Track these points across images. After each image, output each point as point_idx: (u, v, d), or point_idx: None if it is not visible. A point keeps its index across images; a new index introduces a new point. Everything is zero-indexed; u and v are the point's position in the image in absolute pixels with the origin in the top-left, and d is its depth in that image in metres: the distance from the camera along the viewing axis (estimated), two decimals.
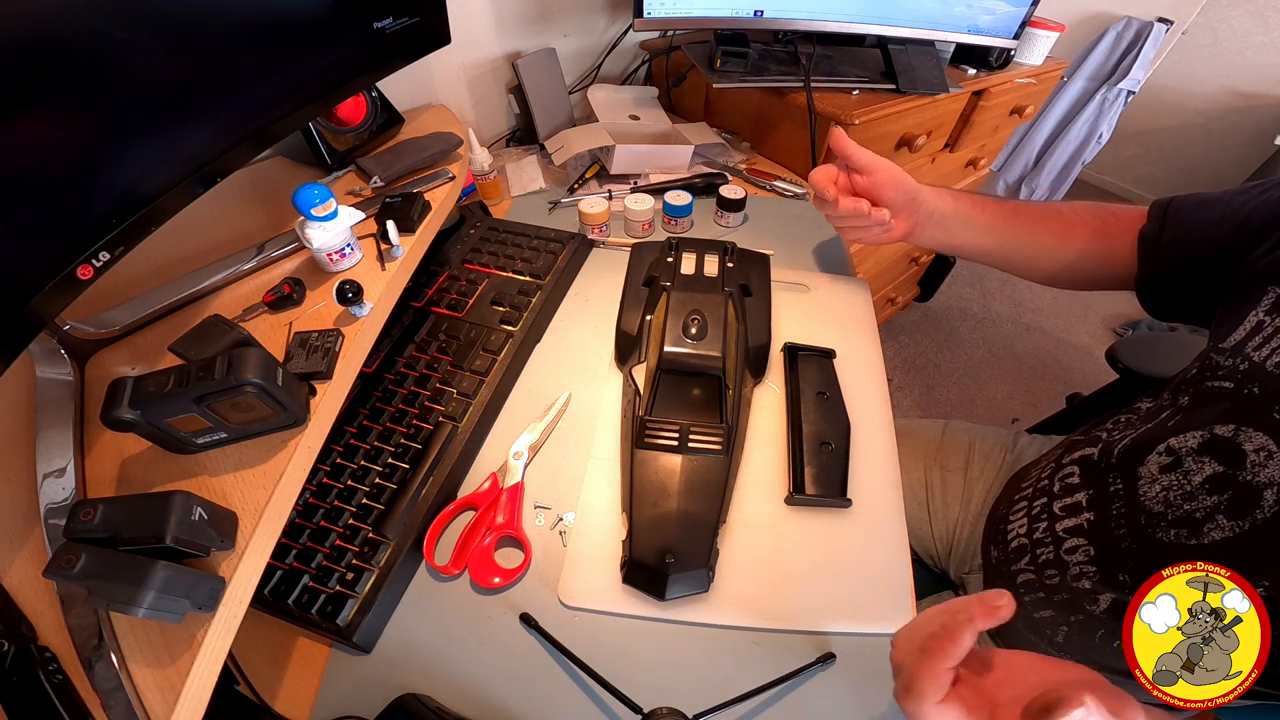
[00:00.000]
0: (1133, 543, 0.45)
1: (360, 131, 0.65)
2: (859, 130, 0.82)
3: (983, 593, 0.28)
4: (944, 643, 0.26)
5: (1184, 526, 0.42)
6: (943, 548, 0.69)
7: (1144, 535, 0.44)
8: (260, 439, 0.39)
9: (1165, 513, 0.43)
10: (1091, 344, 1.86)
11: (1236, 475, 0.39)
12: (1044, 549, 0.53)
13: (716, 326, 0.53)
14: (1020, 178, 2.16)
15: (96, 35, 0.34)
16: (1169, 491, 0.43)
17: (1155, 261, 0.52)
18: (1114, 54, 1.84)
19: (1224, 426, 0.41)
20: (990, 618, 0.27)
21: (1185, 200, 0.51)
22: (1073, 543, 0.50)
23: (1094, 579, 0.48)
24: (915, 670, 0.28)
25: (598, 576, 0.45)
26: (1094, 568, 0.48)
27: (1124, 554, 0.46)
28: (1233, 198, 0.48)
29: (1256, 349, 0.40)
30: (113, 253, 0.38)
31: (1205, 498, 0.41)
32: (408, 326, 0.59)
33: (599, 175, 0.84)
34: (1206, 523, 0.41)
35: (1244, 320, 0.42)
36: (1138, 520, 0.45)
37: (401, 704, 0.38)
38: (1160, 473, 0.45)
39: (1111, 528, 0.47)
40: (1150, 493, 0.45)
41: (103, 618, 0.32)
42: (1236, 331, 0.42)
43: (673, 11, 0.77)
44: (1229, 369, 0.42)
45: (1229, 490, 0.40)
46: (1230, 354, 0.42)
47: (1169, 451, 0.44)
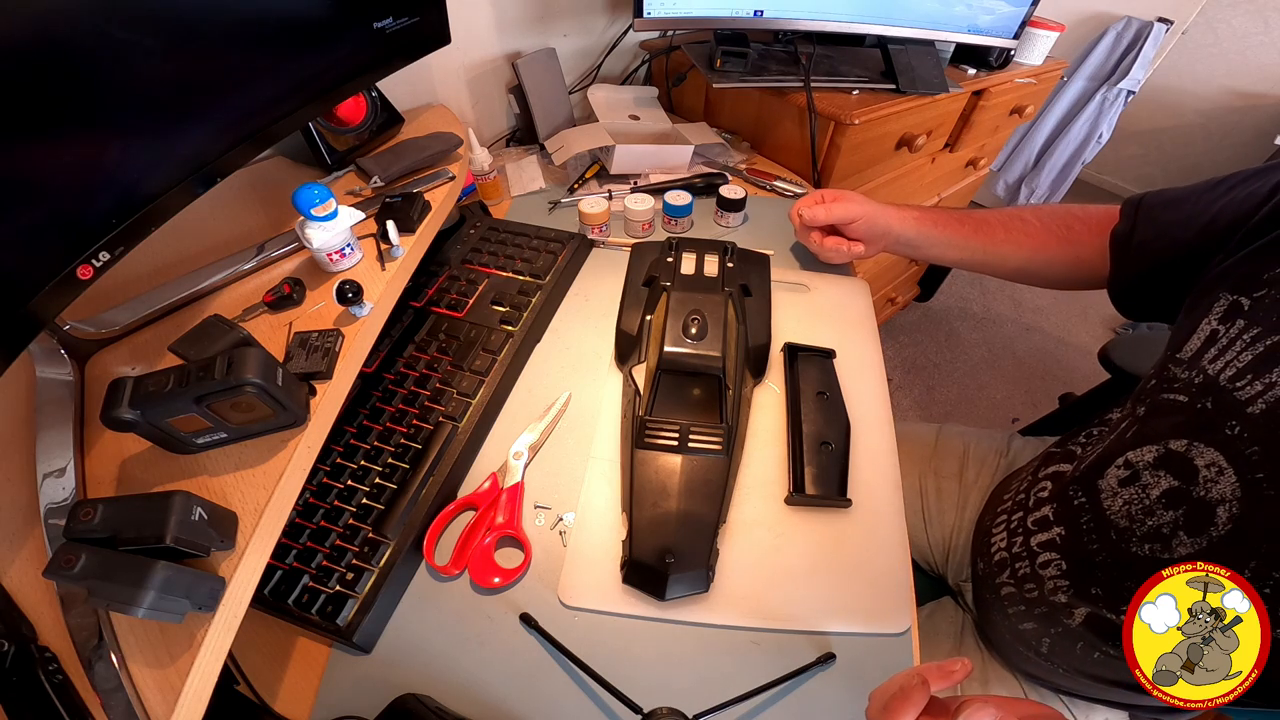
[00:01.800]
0: (1105, 556, 0.45)
1: (360, 131, 0.65)
2: (859, 130, 0.82)
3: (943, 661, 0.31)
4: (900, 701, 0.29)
5: (1156, 541, 0.41)
6: (939, 555, 0.69)
7: (1116, 549, 0.44)
8: (260, 439, 0.39)
9: (1132, 527, 0.43)
10: (1091, 344, 1.86)
11: (1190, 491, 0.39)
12: (1021, 563, 0.53)
13: (716, 326, 0.53)
14: (1020, 178, 2.15)
15: (97, 35, 0.34)
16: (1130, 505, 0.43)
17: (1126, 263, 0.51)
18: (1114, 54, 1.84)
19: (1178, 441, 0.40)
20: (944, 681, 0.30)
21: (1155, 199, 0.51)
22: (1046, 557, 0.50)
23: (1068, 593, 0.47)
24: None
25: (598, 576, 0.45)
26: (1066, 581, 0.48)
27: (1096, 567, 0.45)
28: (1200, 196, 0.47)
29: (1211, 361, 0.39)
30: (113, 253, 0.38)
31: (1164, 513, 0.41)
32: (408, 326, 0.59)
33: (599, 175, 0.84)
34: (1173, 538, 0.40)
35: (1198, 328, 0.41)
36: (1108, 534, 0.45)
37: (401, 704, 0.38)
38: (1120, 486, 0.44)
39: (1084, 542, 0.46)
40: (1114, 506, 0.44)
41: (103, 618, 0.32)
42: (1191, 340, 0.41)
43: (673, 11, 0.77)
44: (1184, 381, 0.41)
45: (1184, 505, 0.39)
46: (1187, 366, 0.41)
47: (1127, 465, 0.44)
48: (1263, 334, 0.37)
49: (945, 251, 0.64)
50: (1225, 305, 0.40)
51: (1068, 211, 0.59)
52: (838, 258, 0.66)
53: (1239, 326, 0.38)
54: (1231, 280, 0.40)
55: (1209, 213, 0.45)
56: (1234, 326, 0.38)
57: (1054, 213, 0.59)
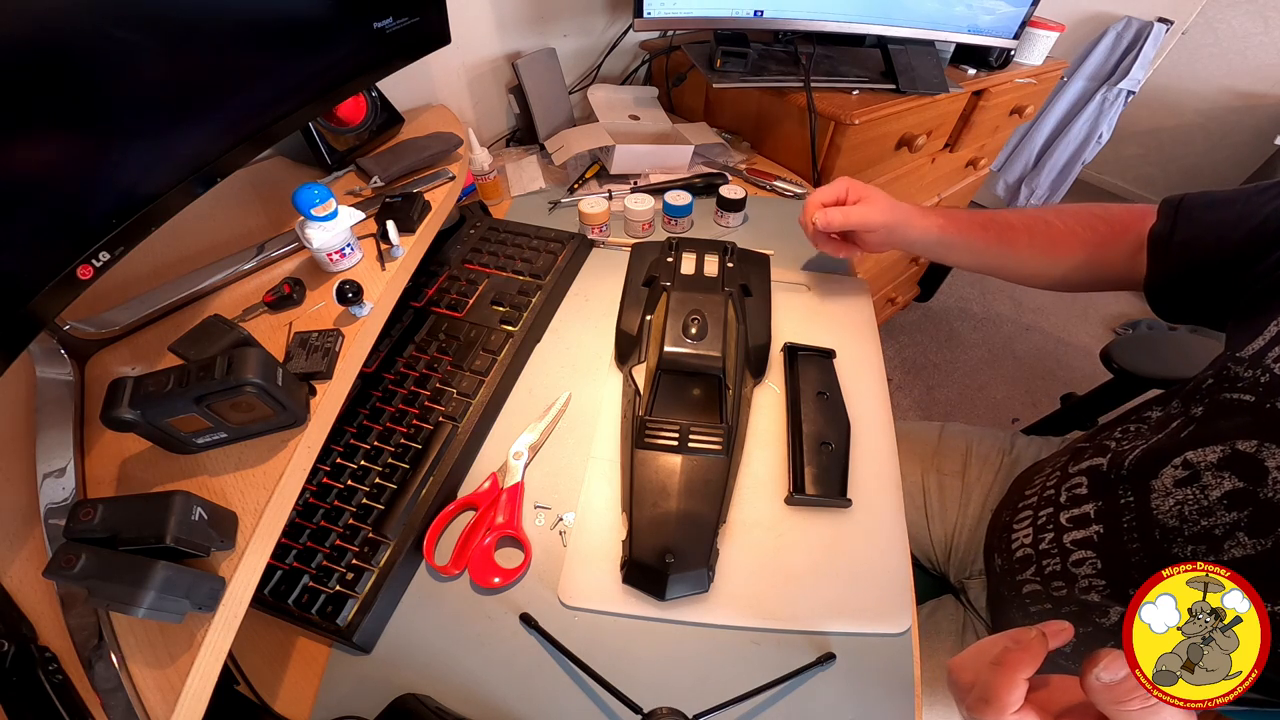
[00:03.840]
0: (1144, 557, 0.44)
1: (360, 131, 0.65)
2: (859, 130, 0.82)
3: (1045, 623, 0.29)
4: (1019, 654, 0.27)
5: (1202, 542, 0.41)
6: (941, 552, 0.69)
7: (1158, 549, 0.43)
8: (260, 439, 0.39)
9: (1181, 527, 0.42)
10: (1091, 344, 1.86)
11: (1258, 492, 0.38)
12: (1050, 560, 0.52)
13: (716, 326, 0.53)
14: (1020, 178, 2.15)
15: (97, 35, 0.34)
16: (1184, 505, 0.42)
17: (1166, 262, 0.50)
18: (1114, 54, 1.84)
19: (1246, 442, 0.39)
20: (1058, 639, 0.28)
21: (1197, 199, 0.50)
22: (1080, 555, 0.49)
23: (1103, 592, 0.47)
24: (993, 681, 0.29)
25: (598, 576, 0.45)
26: (1103, 580, 0.47)
27: (1134, 568, 0.45)
28: (1250, 198, 0.46)
29: (1277, 360, 0.38)
30: (113, 253, 0.38)
31: (1224, 514, 0.40)
32: (408, 326, 0.59)
33: (599, 175, 0.84)
34: (1227, 539, 0.39)
35: (1264, 330, 0.40)
36: (1151, 534, 0.44)
37: (401, 704, 0.38)
38: (1175, 486, 0.43)
39: (1123, 541, 0.46)
40: (1164, 506, 0.43)
41: (103, 618, 0.32)
42: (1255, 341, 0.40)
43: (673, 11, 0.77)
44: (1249, 381, 0.40)
45: (1249, 507, 0.39)
46: (1250, 365, 0.40)
47: (1186, 465, 0.43)
48: None
49: (961, 258, 0.61)
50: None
51: (1090, 213, 0.57)
52: (835, 252, 0.64)
53: None
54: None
55: (1260, 215, 0.44)
56: None
57: (1077, 214, 0.57)
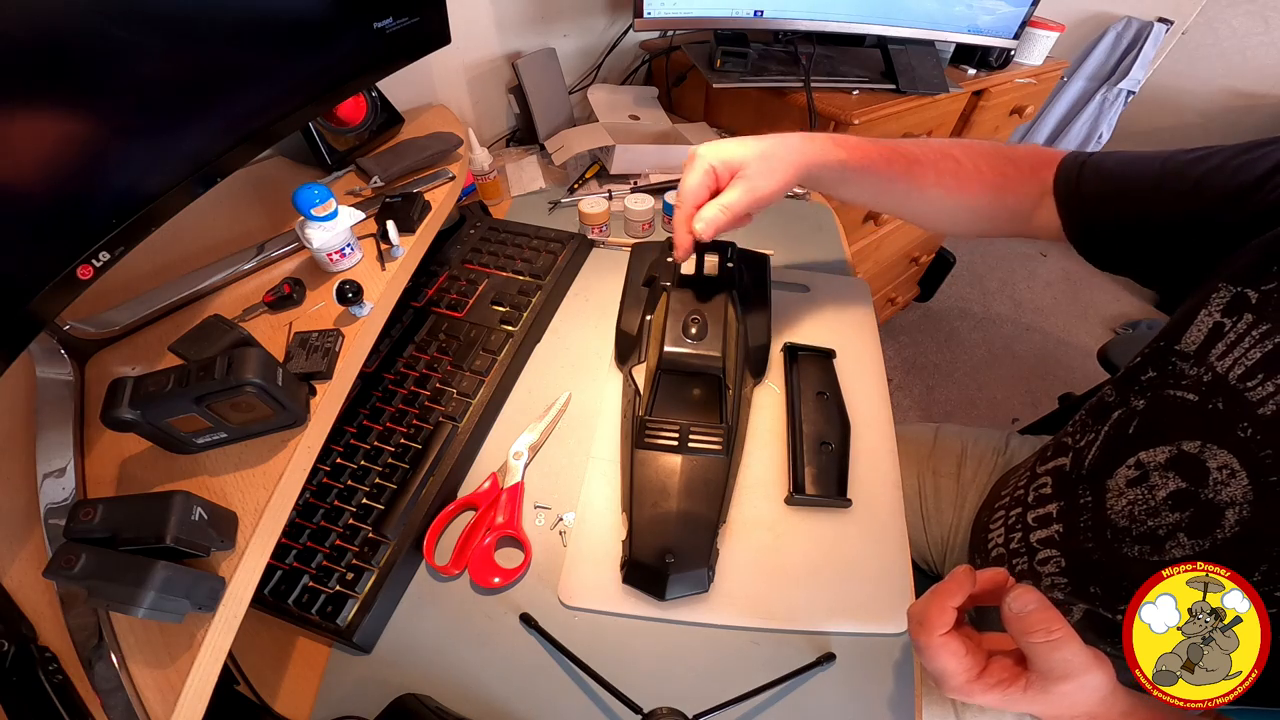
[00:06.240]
0: (1101, 556, 0.44)
1: (360, 131, 0.65)
2: (859, 130, 0.82)
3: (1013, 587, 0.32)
4: (949, 584, 0.33)
5: (1147, 543, 0.41)
6: (938, 553, 0.69)
7: (1110, 549, 0.44)
8: (260, 439, 0.39)
9: (1130, 528, 0.42)
10: (1091, 344, 1.86)
11: (1199, 493, 0.38)
12: (1019, 559, 0.52)
13: (716, 326, 0.53)
14: None
15: (96, 35, 0.34)
16: (1134, 506, 0.43)
17: (1078, 213, 0.49)
18: (1114, 54, 1.84)
19: (1190, 442, 0.39)
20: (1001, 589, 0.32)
21: (1105, 155, 0.48)
22: (1045, 554, 0.50)
23: (1065, 590, 0.47)
24: (925, 606, 0.34)
25: (598, 576, 0.45)
26: (1065, 579, 0.47)
27: (1093, 567, 0.45)
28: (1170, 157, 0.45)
29: (1219, 358, 0.38)
30: (113, 253, 0.38)
31: (1168, 514, 0.40)
32: (408, 326, 0.59)
33: (599, 175, 0.84)
34: (1168, 540, 0.40)
35: (1197, 319, 0.40)
36: (1104, 534, 0.44)
37: (401, 704, 0.38)
38: (1127, 486, 0.44)
39: (1081, 540, 0.46)
40: (1117, 506, 0.44)
41: (103, 618, 0.32)
42: (1192, 332, 0.40)
43: (673, 11, 0.77)
44: (1193, 379, 0.40)
45: (1191, 508, 0.39)
46: (1194, 361, 0.40)
47: (1138, 465, 0.43)
48: (1272, 330, 0.36)
49: (864, 193, 0.54)
50: (1229, 297, 0.38)
51: (997, 152, 0.54)
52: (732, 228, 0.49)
53: (1247, 321, 0.37)
54: (1234, 270, 0.39)
55: (1190, 176, 0.43)
56: (1241, 321, 0.37)
57: (984, 152, 0.54)
